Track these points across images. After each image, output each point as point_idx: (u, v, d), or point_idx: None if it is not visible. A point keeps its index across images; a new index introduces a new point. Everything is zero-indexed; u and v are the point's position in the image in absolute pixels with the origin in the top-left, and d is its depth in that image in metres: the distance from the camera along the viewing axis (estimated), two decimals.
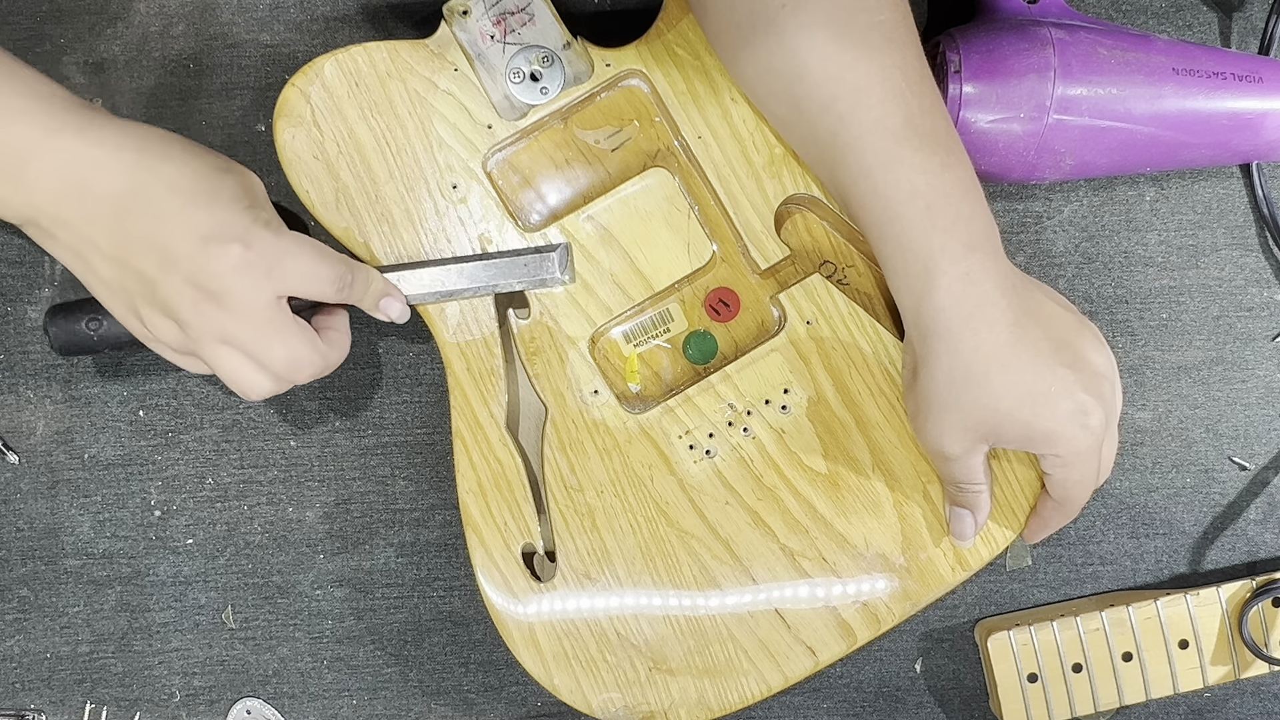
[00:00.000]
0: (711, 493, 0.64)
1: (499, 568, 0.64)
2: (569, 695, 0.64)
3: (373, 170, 0.63)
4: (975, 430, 0.59)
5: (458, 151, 0.64)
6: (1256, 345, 0.70)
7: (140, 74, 0.70)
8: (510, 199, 0.65)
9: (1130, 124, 0.64)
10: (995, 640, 0.67)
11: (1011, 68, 0.62)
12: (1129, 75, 0.63)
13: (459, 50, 0.63)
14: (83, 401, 0.70)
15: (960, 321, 0.57)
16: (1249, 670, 0.67)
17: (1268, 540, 0.70)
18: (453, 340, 0.64)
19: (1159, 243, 0.70)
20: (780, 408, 0.64)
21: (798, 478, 0.64)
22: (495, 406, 0.64)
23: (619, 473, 0.64)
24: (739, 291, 0.65)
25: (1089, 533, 0.70)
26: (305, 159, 0.63)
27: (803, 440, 0.64)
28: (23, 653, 0.71)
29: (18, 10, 0.70)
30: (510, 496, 0.64)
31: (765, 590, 0.64)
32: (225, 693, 0.71)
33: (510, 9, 0.63)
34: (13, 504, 0.71)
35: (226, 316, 0.56)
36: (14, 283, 0.70)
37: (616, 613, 0.64)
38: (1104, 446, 0.61)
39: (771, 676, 0.64)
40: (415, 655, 0.71)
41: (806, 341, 0.64)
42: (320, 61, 0.63)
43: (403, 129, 0.63)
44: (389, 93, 0.63)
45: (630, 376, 0.66)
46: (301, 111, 0.63)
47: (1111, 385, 0.60)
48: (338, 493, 0.70)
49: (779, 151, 0.64)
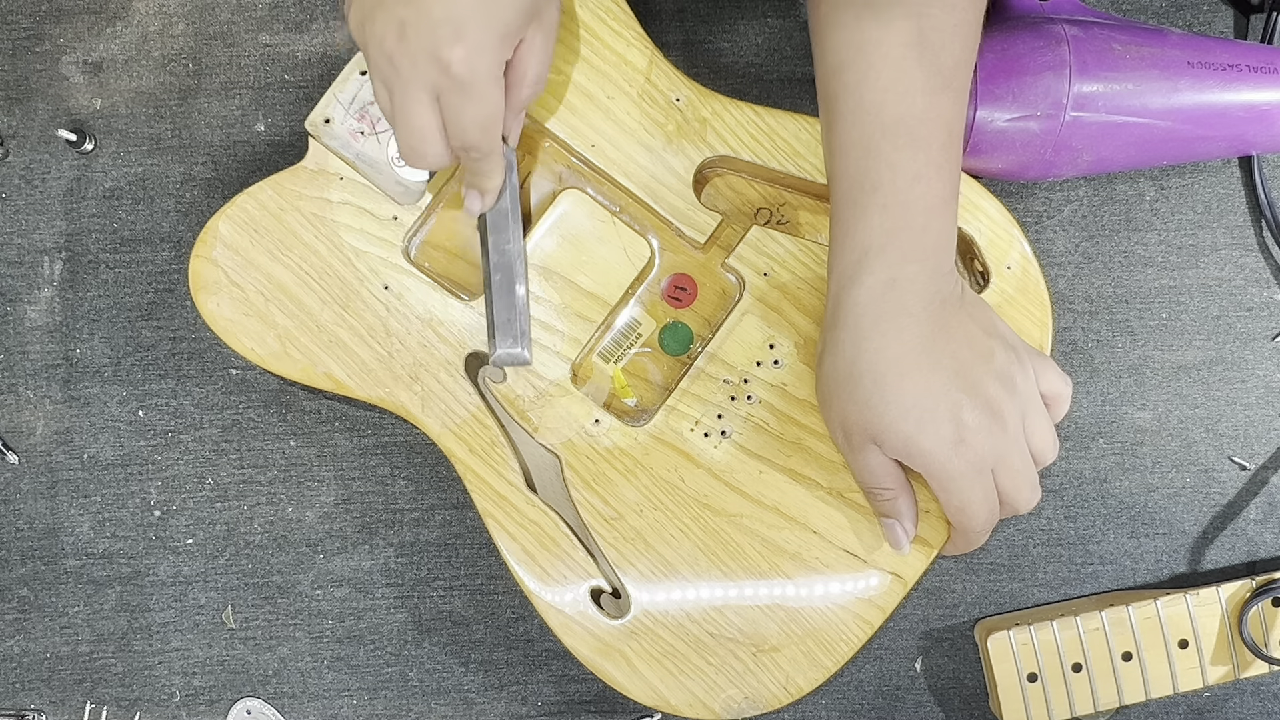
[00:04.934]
0: (742, 469, 0.64)
1: (578, 622, 0.63)
2: (691, 709, 0.64)
3: (304, 304, 0.63)
4: (863, 429, 0.58)
5: (375, 254, 0.63)
6: (1256, 345, 0.70)
7: (139, 73, 0.70)
8: (444, 276, 0.65)
9: (1147, 119, 0.63)
10: (995, 640, 0.67)
11: (1027, 66, 0.62)
12: (1144, 70, 0.63)
13: (336, 159, 0.63)
14: (82, 401, 0.70)
15: (871, 323, 0.57)
16: (1249, 670, 0.67)
17: (1268, 540, 0.70)
18: (443, 429, 0.64)
19: (1159, 242, 0.70)
20: (773, 364, 0.64)
21: (815, 421, 0.64)
22: (510, 474, 0.64)
23: (649, 487, 0.64)
24: (691, 272, 0.66)
25: (1089, 533, 0.70)
26: (237, 319, 0.63)
27: (806, 385, 0.64)
28: (23, 653, 0.71)
29: (18, 10, 0.70)
30: (559, 550, 0.64)
31: (829, 536, 0.64)
32: (225, 693, 0.71)
33: (369, 100, 0.63)
34: (12, 504, 0.70)
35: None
36: (14, 283, 0.70)
37: (701, 616, 0.64)
38: (999, 478, 0.59)
39: (869, 613, 0.64)
40: (415, 655, 0.71)
41: (771, 293, 0.64)
42: (213, 224, 0.63)
43: (315, 254, 0.63)
44: (289, 226, 0.63)
45: (623, 393, 0.66)
46: (214, 278, 0.63)
47: (1015, 420, 0.58)
48: (338, 493, 0.70)
49: (671, 128, 0.64)
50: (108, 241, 0.70)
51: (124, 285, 0.70)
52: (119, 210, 0.70)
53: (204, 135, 0.70)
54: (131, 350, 0.70)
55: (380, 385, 0.63)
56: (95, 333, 0.70)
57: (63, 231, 0.70)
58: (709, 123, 0.64)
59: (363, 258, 0.63)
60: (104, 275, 0.70)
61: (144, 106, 0.70)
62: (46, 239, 0.70)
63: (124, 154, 0.70)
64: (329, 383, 0.63)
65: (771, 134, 0.64)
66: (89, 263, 0.70)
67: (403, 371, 0.64)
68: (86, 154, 0.70)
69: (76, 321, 0.70)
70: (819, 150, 0.64)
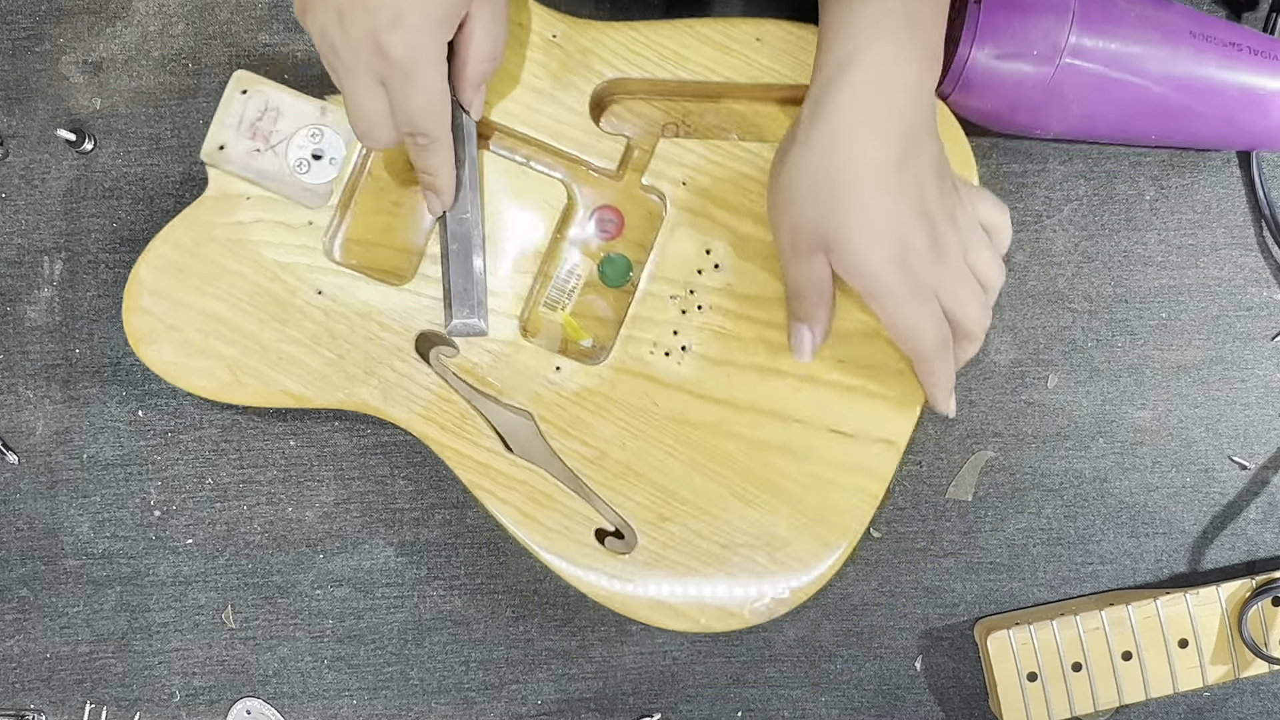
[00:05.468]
0: (710, 378, 0.64)
1: (591, 567, 0.64)
2: (721, 622, 0.64)
3: (243, 329, 0.63)
4: (817, 235, 0.57)
5: (299, 262, 0.64)
6: (1256, 345, 0.70)
7: (139, 73, 0.70)
8: (372, 267, 0.65)
9: (1142, 80, 0.63)
10: (995, 639, 0.67)
11: (1031, 4, 0.62)
12: (1146, 31, 0.63)
13: (239, 180, 0.63)
14: (82, 401, 0.70)
15: (852, 123, 0.55)
16: (1249, 670, 0.67)
17: (1268, 540, 0.70)
18: (410, 415, 0.64)
19: (1159, 242, 0.70)
20: (714, 268, 0.64)
21: (769, 312, 0.64)
22: (487, 441, 0.64)
23: (624, 419, 0.64)
24: (613, 203, 0.66)
25: (1089, 532, 0.70)
26: (182, 361, 0.63)
27: (752, 279, 0.64)
28: (23, 653, 0.71)
29: (18, 10, 0.70)
30: (554, 503, 0.64)
31: (812, 421, 0.64)
32: (225, 693, 0.71)
33: (255, 116, 0.63)
34: (12, 504, 0.70)
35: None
36: (14, 283, 0.70)
37: (708, 530, 0.64)
38: (944, 301, 0.58)
39: (869, 484, 0.64)
40: (415, 654, 0.71)
41: (694, 200, 0.64)
42: (135, 274, 0.63)
43: (242, 278, 0.63)
44: (209, 257, 0.63)
45: (577, 335, 0.66)
46: (150, 326, 0.63)
47: (956, 251, 0.58)
48: (337, 493, 0.70)
49: (554, 65, 0.64)
50: (108, 241, 0.70)
51: (124, 285, 0.70)
52: (119, 210, 0.70)
53: (204, 135, 0.70)
54: (131, 350, 0.70)
55: (338, 389, 0.63)
56: (95, 333, 0.70)
57: (62, 231, 0.70)
58: (591, 51, 0.64)
59: (288, 269, 0.63)
60: (104, 275, 0.70)
61: (144, 106, 0.70)
62: (46, 239, 0.70)
63: (124, 154, 0.70)
64: (288, 399, 0.64)
65: (654, 45, 0.64)
66: (89, 263, 0.70)
67: (356, 370, 0.64)
68: (86, 154, 0.70)
69: (76, 321, 0.70)
70: (704, 49, 0.64)
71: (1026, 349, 0.70)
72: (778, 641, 0.71)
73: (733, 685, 0.71)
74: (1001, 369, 0.70)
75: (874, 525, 0.70)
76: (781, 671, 0.71)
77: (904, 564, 0.70)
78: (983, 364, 0.70)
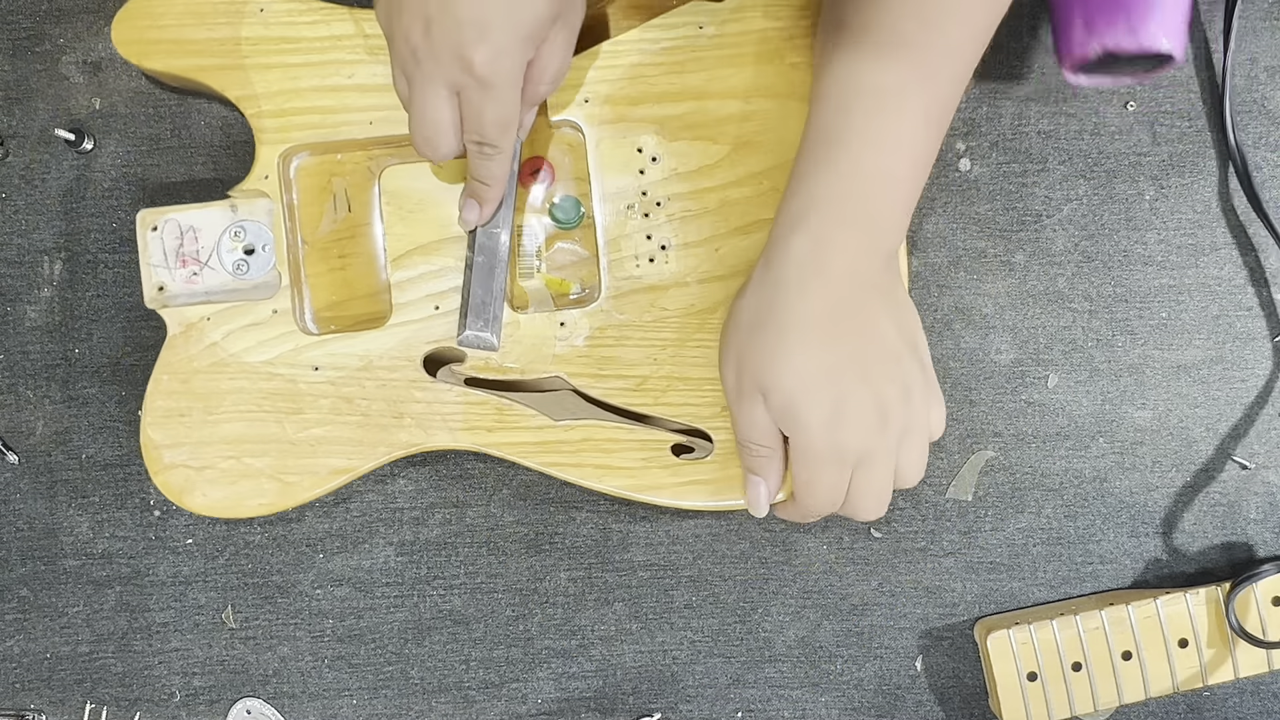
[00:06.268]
0: (701, 261, 0.65)
1: (686, 486, 0.64)
2: None
3: (265, 435, 0.64)
4: (755, 377, 0.59)
5: (284, 351, 0.64)
6: (1256, 345, 0.70)
7: (139, 74, 0.70)
8: (351, 324, 0.66)
9: None
10: (995, 639, 0.67)
11: None
12: None
13: (193, 308, 0.64)
14: (81, 402, 0.70)
15: (793, 275, 0.58)
16: (1249, 669, 0.67)
17: (1268, 540, 0.70)
18: (452, 435, 0.64)
19: (1159, 241, 0.70)
20: (652, 161, 0.65)
21: (722, 172, 0.64)
22: (535, 421, 0.64)
23: (646, 338, 0.64)
24: (532, 150, 0.66)
25: (1089, 532, 0.70)
26: (228, 492, 0.64)
27: (689, 153, 0.64)
28: (23, 653, 0.71)
29: (18, 10, 0.70)
30: (624, 443, 0.64)
31: None
32: (225, 693, 0.71)
33: (176, 244, 0.64)
34: (12, 504, 0.71)
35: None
36: (14, 283, 0.70)
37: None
38: (856, 475, 0.59)
39: None
40: (415, 654, 0.71)
41: (602, 110, 0.65)
42: (145, 438, 0.64)
43: (241, 392, 0.64)
44: (202, 389, 0.64)
45: (563, 288, 0.66)
46: (182, 478, 0.64)
47: (896, 429, 0.59)
48: (337, 493, 0.70)
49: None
50: (107, 241, 0.70)
51: (124, 285, 0.70)
52: (119, 210, 0.70)
53: (204, 135, 0.70)
54: (131, 350, 0.70)
55: (379, 444, 0.64)
56: (95, 333, 0.70)
57: (62, 231, 0.70)
58: None
59: (278, 362, 0.64)
60: (104, 275, 0.70)
61: (144, 106, 0.70)
62: (46, 239, 0.70)
63: (124, 154, 0.70)
64: (341, 476, 0.64)
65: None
66: (89, 263, 0.70)
67: (385, 419, 0.64)
68: (86, 154, 0.70)
69: (76, 321, 0.70)
70: None
71: (1026, 349, 0.70)
72: (778, 641, 0.71)
73: (733, 685, 0.71)
74: (1001, 369, 0.70)
75: (874, 525, 0.70)
76: (781, 672, 0.71)
77: (904, 564, 0.70)
78: (983, 364, 0.70)
